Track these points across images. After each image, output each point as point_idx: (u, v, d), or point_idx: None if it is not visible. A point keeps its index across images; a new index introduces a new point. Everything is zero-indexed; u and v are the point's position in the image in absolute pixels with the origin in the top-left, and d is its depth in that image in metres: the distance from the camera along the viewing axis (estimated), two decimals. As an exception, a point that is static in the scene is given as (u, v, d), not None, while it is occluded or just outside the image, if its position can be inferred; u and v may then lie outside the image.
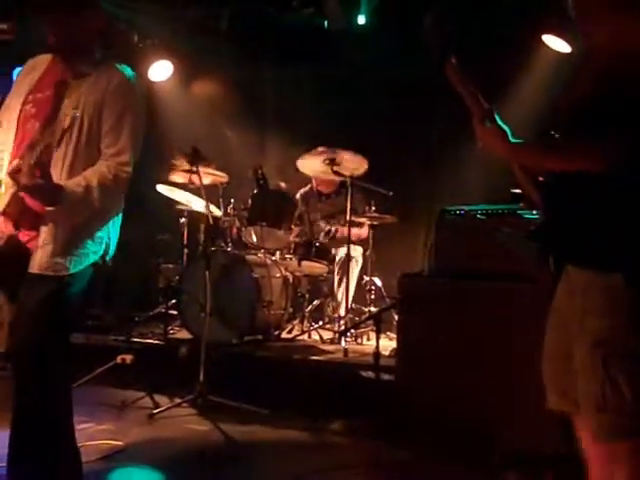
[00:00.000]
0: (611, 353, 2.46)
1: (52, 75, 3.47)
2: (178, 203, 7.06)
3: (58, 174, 3.25)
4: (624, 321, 2.46)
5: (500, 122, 2.73)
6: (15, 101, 3.47)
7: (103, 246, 3.46)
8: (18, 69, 3.68)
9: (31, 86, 3.46)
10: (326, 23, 7.90)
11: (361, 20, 7.79)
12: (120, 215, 3.55)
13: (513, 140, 2.72)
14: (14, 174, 3.14)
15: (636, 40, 2.52)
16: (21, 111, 3.41)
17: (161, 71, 8.04)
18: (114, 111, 3.36)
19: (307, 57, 8.24)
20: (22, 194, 3.24)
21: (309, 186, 7.71)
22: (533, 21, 6.95)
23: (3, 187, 3.33)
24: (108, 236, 3.48)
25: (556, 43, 6.88)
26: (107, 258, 3.48)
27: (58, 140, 3.27)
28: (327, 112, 8.41)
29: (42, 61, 3.56)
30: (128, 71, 3.56)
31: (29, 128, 3.37)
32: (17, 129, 3.41)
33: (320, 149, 6.95)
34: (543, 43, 6.97)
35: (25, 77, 3.53)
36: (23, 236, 3.34)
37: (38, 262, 3.26)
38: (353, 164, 6.79)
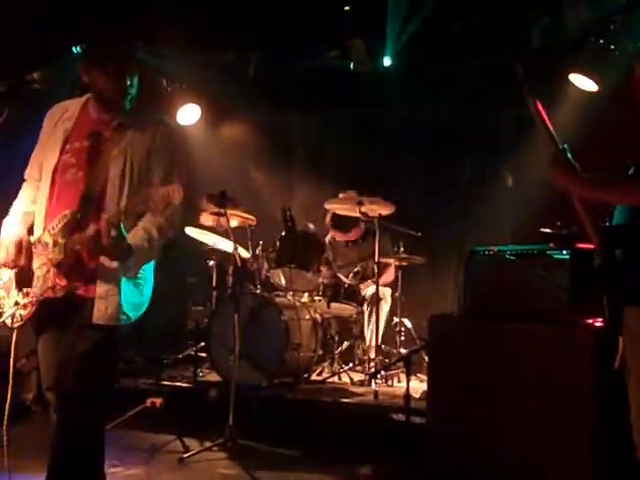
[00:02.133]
0: None
1: (87, 124, 3.55)
2: (207, 245, 7.09)
3: None
4: None
5: (571, 160, 2.86)
6: (50, 149, 3.53)
7: (152, 290, 3.53)
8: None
9: (66, 135, 3.52)
10: (352, 65, 7.94)
11: (387, 62, 7.82)
12: None
13: (582, 176, 2.84)
14: (95, 237, 3.20)
15: None
16: (59, 160, 3.47)
17: (189, 115, 8.12)
18: (163, 161, 3.47)
19: (334, 100, 8.29)
20: (78, 248, 3.30)
21: (331, 234, 7.71)
22: (560, 60, 6.97)
23: (50, 240, 3.38)
24: (153, 278, 3.57)
25: (583, 82, 6.87)
26: None
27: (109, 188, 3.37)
28: (354, 154, 8.45)
29: (73, 108, 3.61)
30: (170, 121, 3.65)
31: (69, 177, 3.44)
32: (54, 178, 3.47)
33: (347, 192, 7.01)
34: (570, 82, 6.95)
35: (57, 124, 3.58)
36: (76, 287, 3.39)
37: (103, 313, 3.33)
38: (380, 207, 6.80)
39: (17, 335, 3.52)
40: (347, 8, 7.37)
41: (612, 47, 6.44)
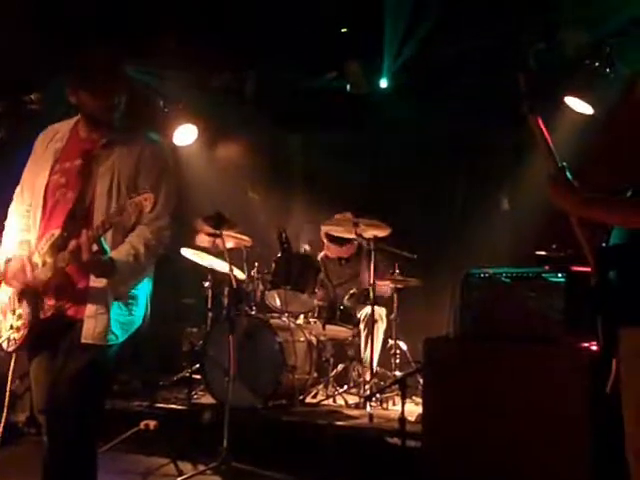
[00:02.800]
0: None
1: (76, 144, 3.54)
2: (202, 266, 7.07)
3: None
4: None
5: (571, 178, 2.85)
6: (41, 169, 3.52)
7: (145, 310, 3.50)
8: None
9: (57, 156, 3.51)
10: (349, 87, 7.96)
11: (383, 84, 7.85)
12: (152, 276, 3.60)
13: (582, 196, 2.83)
14: (75, 252, 3.18)
15: None
16: (49, 181, 3.46)
17: (186, 135, 8.11)
18: (149, 178, 3.43)
19: (330, 121, 8.31)
20: (68, 268, 3.28)
21: (324, 252, 7.70)
22: (555, 83, 6.98)
23: (40, 260, 3.36)
24: (147, 299, 3.53)
25: (579, 105, 6.89)
26: (145, 321, 3.53)
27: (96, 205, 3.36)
28: (350, 175, 8.46)
29: (63, 129, 3.62)
30: (158, 138, 3.63)
31: (59, 197, 3.43)
32: (45, 198, 3.46)
33: (343, 214, 7.00)
34: (565, 105, 6.96)
35: (48, 145, 3.59)
36: (65, 307, 3.38)
37: (92, 332, 3.31)
38: (376, 229, 6.79)
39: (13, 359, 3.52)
40: (344, 30, 7.40)
41: (607, 70, 6.46)
